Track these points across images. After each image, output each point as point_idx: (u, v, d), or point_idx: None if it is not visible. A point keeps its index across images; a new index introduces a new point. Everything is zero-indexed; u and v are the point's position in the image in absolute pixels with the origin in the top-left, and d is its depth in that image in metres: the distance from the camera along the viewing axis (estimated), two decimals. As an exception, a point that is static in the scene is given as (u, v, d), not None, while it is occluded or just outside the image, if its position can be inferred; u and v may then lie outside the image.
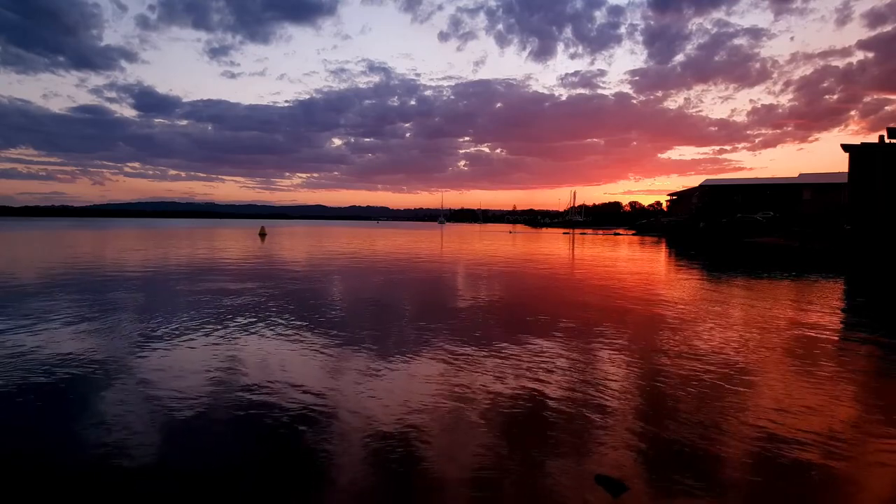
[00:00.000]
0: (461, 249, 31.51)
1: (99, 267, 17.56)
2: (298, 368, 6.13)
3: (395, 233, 65.33)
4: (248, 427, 4.44)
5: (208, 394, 5.20)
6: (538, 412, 4.81)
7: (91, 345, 7.01)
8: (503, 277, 16.38)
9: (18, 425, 4.45)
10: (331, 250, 28.71)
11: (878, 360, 6.84)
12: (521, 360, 6.52)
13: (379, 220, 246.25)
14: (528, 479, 3.59)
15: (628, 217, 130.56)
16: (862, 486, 3.58)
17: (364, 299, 11.51)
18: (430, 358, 6.60)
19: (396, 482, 3.55)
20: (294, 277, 15.41)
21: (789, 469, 3.76)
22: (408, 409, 4.83)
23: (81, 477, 3.57)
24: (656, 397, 5.23)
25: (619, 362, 6.50)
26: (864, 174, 36.05)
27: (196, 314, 9.23)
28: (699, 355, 6.82)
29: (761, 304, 11.23)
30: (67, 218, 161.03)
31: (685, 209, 69.43)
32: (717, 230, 46.45)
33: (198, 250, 27.00)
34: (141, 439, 4.14)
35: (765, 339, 7.85)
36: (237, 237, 44.24)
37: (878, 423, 4.61)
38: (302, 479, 3.59)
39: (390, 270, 18.06)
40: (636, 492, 3.41)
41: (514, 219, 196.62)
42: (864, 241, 28.89)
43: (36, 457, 3.86)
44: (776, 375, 5.99)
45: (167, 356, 6.53)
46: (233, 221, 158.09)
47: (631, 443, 4.16)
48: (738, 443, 4.18)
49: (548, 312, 10.02)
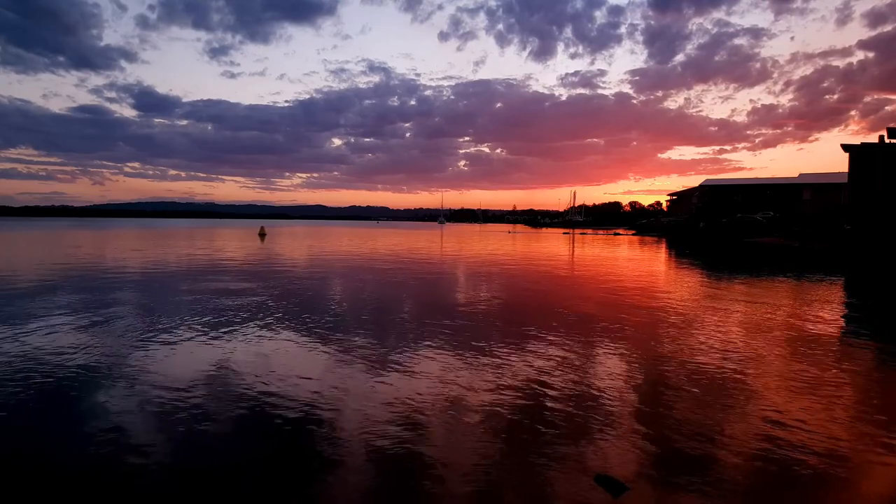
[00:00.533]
0: (461, 249, 31.51)
1: (98, 267, 17.56)
2: (298, 368, 6.12)
3: (395, 233, 65.32)
4: (248, 426, 4.44)
5: (208, 393, 5.20)
6: (538, 412, 4.81)
7: (90, 344, 7.01)
8: (503, 277, 16.38)
9: (19, 425, 4.45)
10: (331, 250, 28.71)
11: (878, 360, 6.84)
12: (521, 360, 6.52)
13: (379, 221, 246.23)
14: (528, 479, 3.59)
15: (628, 217, 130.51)
16: (862, 486, 3.58)
17: (364, 299, 11.51)
18: (430, 357, 6.60)
19: (396, 482, 3.55)
20: (293, 277, 15.40)
21: (789, 469, 3.75)
22: (408, 409, 4.83)
23: (82, 476, 3.57)
24: (656, 397, 5.23)
25: (619, 362, 6.49)
26: (864, 174, 36.04)
27: (195, 314, 9.22)
28: (699, 355, 6.82)
29: (761, 304, 11.22)
30: (67, 218, 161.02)
31: (685, 209, 69.42)
32: (717, 230, 46.44)
33: (197, 250, 26.99)
34: (141, 438, 4.14)
35: (765, 339, 7.85)
36: (237, 237, 44.23)
37: (879, 423, 4.61)
38: (302, 478, 3.59)
39: (390, 270, 18.05)
40: (636, 492, 3.41)
41: (514, 219, 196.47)
42: (864, 241, 28.89)
43: (36, 456, 3.86)
44: (776, 375, 5.99)
45: (167, 355, 6.53)
46: (233, 221, 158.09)
47: (631, 442, 4.16)
48: (739, 442, 4.17)
49: (548, 312, 10.02)
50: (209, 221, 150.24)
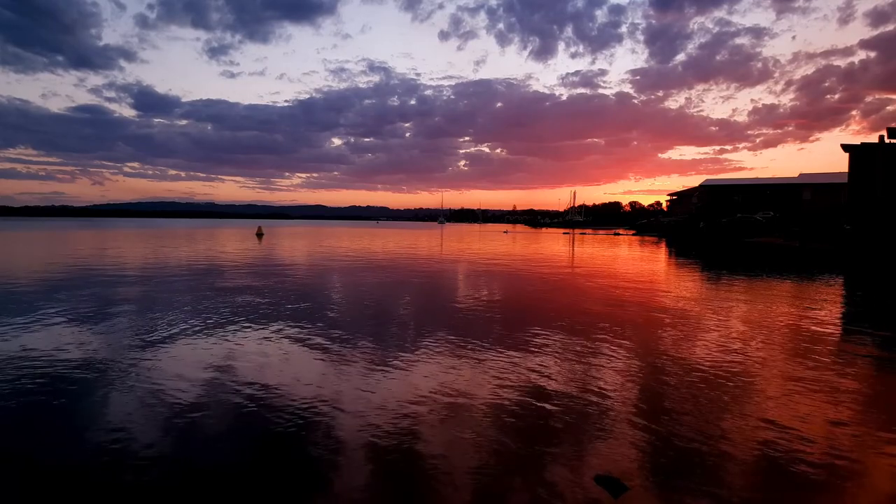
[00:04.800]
0: (461, 249, 31.50)
1: (98, 267, 17.55)
2: (297, 367, 6.11)
3: (395, 233, 65.32)
4: (248, 426, 4.43)
5: (207, 393, 5.19)
6: (538, 411, 4.80)
7: (90, 343, 7.00)
8: (503, 277, 16.37)
9: (19, 423, 4.44)
10: (330, 250, 28.69)
11: (878, 359, 6.83)
12: (521, 360, 6.51)
13: (379, 221, 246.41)
14: (528, 479, 3.57)
15: (628, 217, 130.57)
16: (863, 486, 3.57)
17: (364, 299, 11.49)
18: (430, 357, 6.59)
19: (396, 482, 3.54)
20: (293, 277, 15.39)
21: (790, 469, 3.74)
22: (408, 408, 4.82)
23: (82, 476, 3.56)
24: (656, 397, 5.22)
25: (619, 362, 6.48)
26: (864, 174, 36.06)
27: (194, 314, 9.21)
28: (699, 355, 6.81)
29: (761, 304, 11.22)
30: (67, 218, 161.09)
31: (685, 209, 69.43)
32: (717, 230, 46.44)
33: (196, 251, 26.98)
34: (140, 438, 4.13)
35: (765, 339, 7.84)
36: (235, 237, 44.23)
37: (880, 424, 4.60)
38: (302, 477, 3.58)
39: (390, 270, 18.04)
40: (636, 492, 3.40)
41: (514, 219, 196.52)
42: (864, 241, 28.88)
43: (37, 455, 3.85)
44: (776, 375, 5.98)
45: (165, 355, 6.52)
46: (232, 221, 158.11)
47: (631, 443, 4.15)
48: (739, 442, 4.16)
49: (548, 312, 10.01)
50: (209, 221, 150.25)
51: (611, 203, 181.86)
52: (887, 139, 36.57)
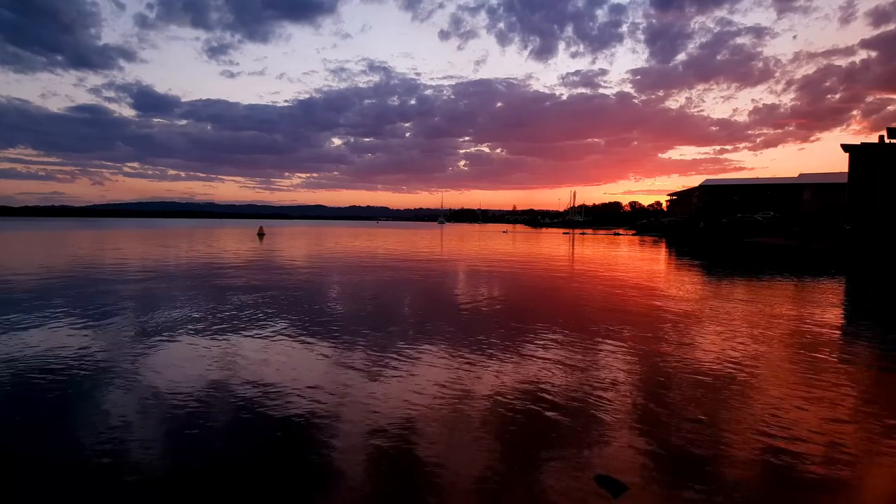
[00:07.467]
0: (461, 249, 31.50)
1: (98, 267, 17.55)
2: (297, 367, 6.11)
3: (395, 233, 65.32)
4: (247, 425, 4.42)
5: (207, 393, 5.18)
6: (538, 412, 4.79)
7: (90, 343, 6.99)
8: (503, 277, 16.37)
9: (20, 424, 4.44)
10: (331, 250, 28.69)
11: (878, 359, 6.83)
12: (521, 360, 6.51)
13: (379, 221, 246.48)
14: (528, 479, 3.57)
15: (628, 217, 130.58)
16: (863, 486, 3.57)
17: (364, 299, 11.49)
18: (430, 357, 6.59)
19: (396, 482, 3.54)
20: (292, 277, 15.39)
21: (790, 469, 3.74)
22: (407, 409, 4.82)
23: (82, 476, 3.56)
24: (656, 397, 5.21)
25: (619, 362, 6.48)
26: (864, 174, 36.06)
27: (193, 314, 9.21)
28: (699, 355, 6.81)
29: (761, 304, 11.21)
30: (67, 218, 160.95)
31: (685, 209, 69.45)
32: (717, 230, 46.45)
33: (198, 251, 26.98)
34: (140, 437, 4.13)
35: (765, 339, 7.84)
36: (236, 237, 44.22)
37: (880, 424, 4.60)
38: (302, 477, 3.58)
39: (391, 269, 18.03)
40: (636, 492, 3.40)
41: (514, 219, 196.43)
42: (864, 241, 28.88)
43: (37, 455, 3.85)
44: (776, 376, 5.98)
45: (165, 355, 6.52)
46: (232, 221, 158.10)
47: (631, 443, 4.15)
48: (739, 443, 4.16)
49: (548, 312, 10.01)
50: (209, 221, 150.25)
51: (611, 203, 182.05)
52: (887, 139, 36.59)
